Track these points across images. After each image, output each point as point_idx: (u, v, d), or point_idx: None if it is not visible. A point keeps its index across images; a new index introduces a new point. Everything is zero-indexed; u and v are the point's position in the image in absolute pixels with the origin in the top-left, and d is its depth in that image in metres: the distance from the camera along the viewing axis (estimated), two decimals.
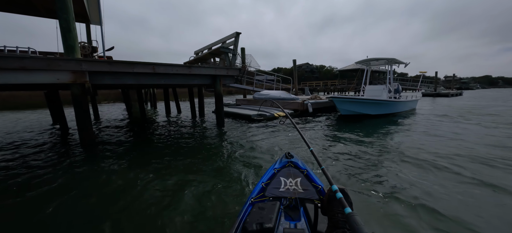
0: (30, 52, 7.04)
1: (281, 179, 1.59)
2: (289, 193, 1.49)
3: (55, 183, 2.80)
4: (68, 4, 4.15)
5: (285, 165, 1.72)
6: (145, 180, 2.77)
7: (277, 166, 1.72)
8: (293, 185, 1.55)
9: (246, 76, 11.09)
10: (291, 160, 1.76)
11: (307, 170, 1.67)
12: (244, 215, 1.30)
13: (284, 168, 1.70)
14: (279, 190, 1.51)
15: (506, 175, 2.69)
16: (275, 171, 1.67)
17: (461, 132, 5.15)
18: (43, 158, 4.02)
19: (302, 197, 1.46)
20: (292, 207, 1.42)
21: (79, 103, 4.10)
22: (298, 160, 1.78)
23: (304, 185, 1.55)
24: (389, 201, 2.14)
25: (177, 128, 6.53)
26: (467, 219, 1.84)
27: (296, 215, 1.35)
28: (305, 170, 1.67)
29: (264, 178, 1.63)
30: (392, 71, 8.98)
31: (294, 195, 1.48)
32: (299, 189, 1.52)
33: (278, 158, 1.89)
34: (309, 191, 1.50)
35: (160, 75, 5.07)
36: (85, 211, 2.11)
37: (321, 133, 5.37)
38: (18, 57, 3.63)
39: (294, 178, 1.60)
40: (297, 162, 1.75)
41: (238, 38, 6.16)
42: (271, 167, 1.78)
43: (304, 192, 1.49)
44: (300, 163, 1.75)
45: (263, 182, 1.58)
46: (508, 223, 1.80)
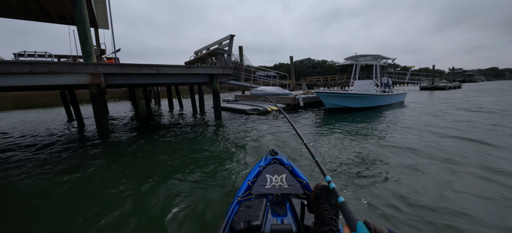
0: (47, 56, 7.86)
1: (266, 176, 1.63)
2: (275, 190, 1.53)
3: (83, 160, 3.57)
4: (85, 17, 4.89)
5: (270, 162, 1.77)
6: (149, 160, 3.52)
7: (262, 164, 1.75)
8: (279, 182, 1.59)
9: (244, 74, 11.80)
10: (276, 157, 1.80)
11: (291, 166, 1.72)
12: (231, 214, 1.32)
13: (269, 165, 1.73)
14: (265, 187, 1.55)
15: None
16: (261, 169, 1.70)
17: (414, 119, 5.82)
18: (72, 145, 4.81)
19: (288, 192, 1.52)
20: (278, 203, 1.49)
21: (96, 100, 4.87)
22: (282, 157, 1.83)
23: (289, 181, 1.60)
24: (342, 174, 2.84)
25: (179, 122, 7.29)
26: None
27: (282, 210, 1.41)
28: (289, 166, 1.72)
29: (250, 176, 1.65)
30: (379, 66, 9.58)
31: (280, 191, 1.53)
32: (285, 185, 1.57)
33: (263, 156, 1.92)
34: (294, 186, 1.56)
35: (163, 75, 5.79)
36: (107, 178, 2.86)
37: (309, 123, 6.07)
38: (47, 63, 4.38)
39: (279, 175, 1.64)
40: (282, 158, 1.80)
41: (232, 40, 6.84)
42: (256, 164, 1.82)
43: (290, 188, 1.55)
44: (284, 159, 1.80)
45: (249, 180, 1.61)
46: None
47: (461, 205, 1.96)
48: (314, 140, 4.42)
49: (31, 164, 3.57)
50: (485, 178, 2.45)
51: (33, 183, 2.82)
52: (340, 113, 7.67)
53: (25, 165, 3.53)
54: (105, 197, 2.37)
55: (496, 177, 2.46)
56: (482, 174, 2.55)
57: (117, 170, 3.14)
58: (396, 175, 2.61)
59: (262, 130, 5.47)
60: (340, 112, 7.85)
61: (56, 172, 3.17)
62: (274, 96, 9.84)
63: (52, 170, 3.24)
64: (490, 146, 3.54)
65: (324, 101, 7.70)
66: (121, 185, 2.60)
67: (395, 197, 2.12)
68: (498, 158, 3.00)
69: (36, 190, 2.63)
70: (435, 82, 26.12)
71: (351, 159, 3.19)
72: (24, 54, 7.53)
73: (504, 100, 10.07)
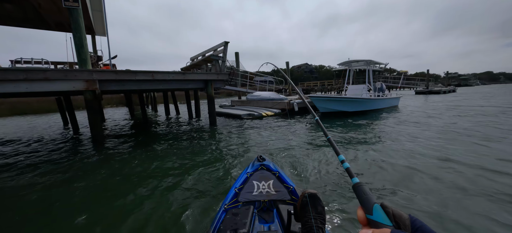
0: (43, 62, 7.94)
1: (254, 183, 1.61)
2: (262, 196, 1.52)
3: (75, 168, 3.62)
4: (81, 25, 5.01)
5: (257, 168, 1.75)
6: (141, 166, 3.59)
7: (250, 170, 1.74)
8: (266, 188, 1.58)
9: (241, 79, 11.94)
10: (263, 163, 1.79)
11: (278, 172, 1.71)
12: (218, 222, 1.31)
13: (257, 172, 1.72)
14: (252, 194, 1.54)
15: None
16: (248, 175, 1.68)
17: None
18: (65, 150, 4.85)
19: (275, 198, 1.51)
20: (266, 210, 1.48)
21: (91, 106, 4.94)
22: (269, 163, 1.82)
23: (277, 187, 1.59)
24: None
25: (174, 127, 7.36)
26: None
27: (269, 217, 1.40)
28: (276, 172, 1.71)
29: (237, 183, 1.63)
30: (371, 71, 9.77)
31: (267, 197, 1.52)
32: (272, 191, 1.55)
33: (250, 162, 1.91)
34: (281, 192, 1.56)
35: (158, 81, 5.89)
36: (99, 185, 2.93)
37: (303, 127, 6.17)
38: (42, 70, 4.47)
39: (267, 181, 1.63)
40: (269, 164, 1.78)
41: (226, 47, 6.99)
42: (243, 171, 1.80)
43: (277, 194, 1.54)
44: (271, 165, 1.79)
45: (236, 187, 1.59)
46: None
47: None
48: (306, 143, 4.52)
49: (17, 171, 3.62)
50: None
51: (20, 190, 2.86)
52: (334, 118, 7.80)
53: (13, 169, 3.58)
54: (91, 204, 2.41)
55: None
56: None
57: (107, 176, 3.19)
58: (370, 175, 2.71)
59: (254, 135, 5.56)
60: (334, 116, 7.97)
61: (45, 178, 3.23)
62: (270, 101, 9.97)
63: (41, 178, 3.29)
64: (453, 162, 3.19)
65: (318, 105, 7.83)
66: (109, 192, 2.65)
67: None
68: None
69: (23, 197, 2.68)
70: (430, 87, 26.46)
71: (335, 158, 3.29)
72: (20, 61, 7.60)
73: (488, 104, 10.27)
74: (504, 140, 4.08)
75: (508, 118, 6.30)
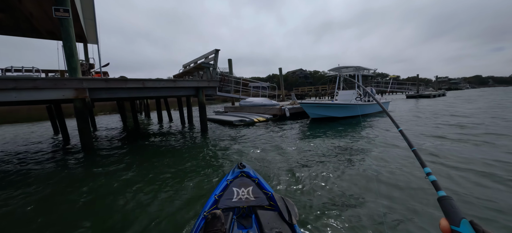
0: (34, 70, 7.94)
1: (233, 190, 1.65)
2: (242, 202, 1.57)
3: (63, 176, 3.64)
4: (71, 34, 5.08)
5: (237, 175, 1.79)
6: (127, 175, 3.63)
7: (230, 177, 1.77)
8: (245, 194, 1.62)
9: (234, 85, 12.07)
10: (243, 170, 1.83)
11: (258, 179, 1.76)
12: (197, 229, 1.34)
13: (237, 179, 1.75)
14: (231, 201, 1.58)
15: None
16: (228, 182, 1.72)
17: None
18: (54, 160, 4.84)
19: (254, 204, 1.56)
20: (245, 216, 1.52)
21: (80, 115, 4.97)
22: (249, 170, 1.86)
23: (256, 193, 1.63)
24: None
25: (165, 134, 7.39)
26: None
27: (248, 223, 1.44)
28: (256, 179, 1.75)
29: (217, 190, 1.66)
30: (361, 76, 10.03)
31: (246, 203, 1.56)
32: (251, 198, 1.60)
33: (231, 169, 1.95)
34: (260, 198, 1.61)
35: (149, 89, 5.96)
36: (82, 199, 2.97)
37: (294, 133, 6.29)
38: (32, 79, 4.51)
39: (246, 187, 1.67)
40: (249, 171, 1.82)
41: (217, 55, 7.13)
42: (224, 178, 1.83)
43: (256, 200, 1.59)
44: (251, 172, 1.83)
45: (216, 194, 1.62)
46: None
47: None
48: (293, 149, 4.62)
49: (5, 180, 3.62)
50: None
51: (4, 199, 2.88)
52: (324, 123, 7.94)
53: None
54: (70, 210, 2.44)
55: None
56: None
57: (92, 184, 3.22)
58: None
59: (244, 142, 5.65)
60: (324, 122, 8.12)
61: (31, 189, 3.25)
62: (262, 107, 10.10)
63: (26, 188, 3.31)
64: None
65: (307, 111, 7.99)
66: (90, 198, 2.68)
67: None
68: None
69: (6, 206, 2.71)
70: (420, 91, 27.09)
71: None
72: (11, 69, 7.60)
73: (474, 107, 10.62)
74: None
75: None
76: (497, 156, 3.43)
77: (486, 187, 2.47)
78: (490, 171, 2.85)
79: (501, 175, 2.73)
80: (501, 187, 2.45)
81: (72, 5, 6.01)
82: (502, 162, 3.16)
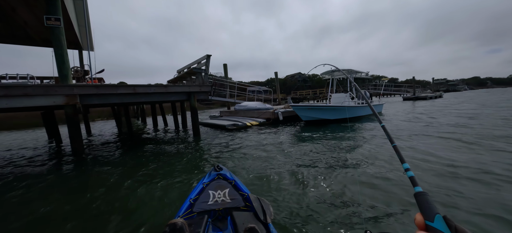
0: (28, 78, 8.04)
1: (209, 193, 1.64)
2: (218, 205, 1.57)
3: (53, 179, 3.70)
4: (62, 42, 5.19)
5: (214, 178, 1.78)
6: (115, 178, 3.69)
7: (206, 180, 1.76)
8: (222, 197, 1.62)
9: (229, 90, 12.17)
10: (220, 172, 1.82)
11: (235, 181, 1.76)
12: None
13: (213, 181, 1.75)
14: (207, 204, 1.57)
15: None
16: (204, 185, 1.71)
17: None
18: (46, 163, 4.90)
19: (230, 206, 1.56)
20: (220, 218, 1.52)
21: (71, 120, 5.04)
22: (226, 172, 1.85)
23: (232, 195, 1.63)
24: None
25: (158, 139, 7.46)
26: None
27: (224, 225, 1.44)
28: (233, 181, 1.75)
29: (192, 194, 1.65)
30: (353, 79, 10.14)
31: (222, 206, 1.56)
32: (227, 200, 1.60)
33: (207, 172, 1.94)
34: (236, 199, 1.61)
35: (140, 94, 6.05)
36: (73, 200, 3.02)
37: (282, 136, 6.36)
38: (22, 86, 4.61)
39: (222, 190, 1.66)
40: (226, 173, 1.82)
41: (209, 60, 7.24)
42: (200, 181, 1.81)
43: (232, 202, 1.59)
44: (228, 174, 1.83)
45: (191, 198, 1.61)
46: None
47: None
48: (279, 151, 4.68)
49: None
50: None
51: None
52: (316, 126, 8.01)
53: None
54: (48, 216, 2.49)
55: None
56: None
57: (78, 190, 3.28)
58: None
59: (234, 146, 5.72)
60: (317, 125, 8.20)
61: (19, 192, 3.30)
62: (256, 111, 10.19)
63: (14, 192, 3.37)
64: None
65: (299, 114, 8.06)
66: (71, 203, 2.72)
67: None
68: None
69: None
70: (417, 93, 27.21)
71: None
72: (5, 77, 7.68)
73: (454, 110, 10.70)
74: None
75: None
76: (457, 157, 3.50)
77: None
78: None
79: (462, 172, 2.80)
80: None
81: (64, 13, 6.14)
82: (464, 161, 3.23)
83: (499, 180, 2.58)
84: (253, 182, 3.03)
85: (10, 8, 6.18)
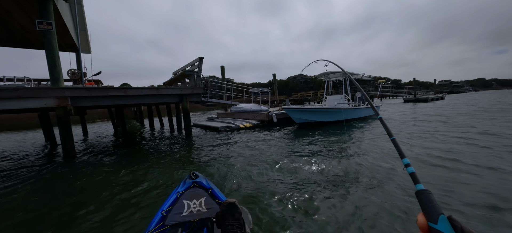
0: (25, 80, 8.21)
1: (184, 203, 1.53)
2: (193, 216, 1.46)
3: (43, 181, 3.77)
4: (54, 45, 5.29)
5: (189, 186, 1.66)
6: (106, 180, 3.75)
7: (181, 190, 1.65)
8: (197, 206, 1.52)
9: (226, 92, 12.24)
10: (195, 180, 1.71)
11: (211, 188, 1.66)
12: None
13: (188, 190, 1.63)
14: (181, 215, 1.46)
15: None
16: (178, 195, 1.60)
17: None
18: (35, 167, 4.99)
19: (206, 216, 1.46)
20: (196, 231, 1.42)
21: (62, 122, 5.13)
22: (203, 179, 1.76)
23: (208, 204, 1.53)
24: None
25: (151, 141, 7.53)
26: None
27: None
28: (209, 189, 1.65)
29: (165, 205, 1.53)
30: (348, 81, 10.12)
31: (198, 216, 1.45)
32: (203, 209, 1.50)
33: (182, 180, 1.81)
34: (213, 209, 1.51)
35: (132, 97, 6.13)
36: (62, 204, 3.08)
37: (272, 138, 6.38)
38: (14, 89, 4.71)
39: (198, 199, 1.56)
40: (202, 181, 1.72)
41: (201, 62, 7.31)
42: (173, 191, 1.69)
43: (208, 211, 1.49)
44: (204, 182, 1.73)
45: (163, 210, 1.49)
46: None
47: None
48: (269, 157, 4.70)
49: None
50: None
51: None
52: (310, 128, 8.00)
53: None
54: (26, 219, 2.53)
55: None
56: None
57: (64, 194, 3.35)
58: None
59: (224, 148, 5.75)
60: (311, 127, 8.19)
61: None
62: (251, 112, 10.22)
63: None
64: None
65: (293, 116, 8.06)
66: (50, 212, 2.71)
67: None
68: None
69: None
70: (418, 95, 26.99)
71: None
72: (3, 79, 7.86)
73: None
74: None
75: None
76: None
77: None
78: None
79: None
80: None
81: (59, 17, 6.26)
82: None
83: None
84: (232, 188, 3.04)
85: (6, 12, 6.32)
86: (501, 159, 3.31)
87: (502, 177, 2.70)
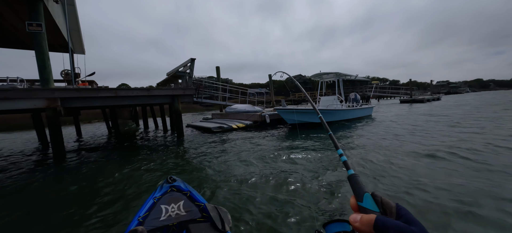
0: (18, 80, 8.23)
1: (162, 208, 1.51)
2: (171, 220, 1.45)
3: (33, 182, 3.80)
4: (44, 47, 5.33)
5: (166, 191, 1.64)
6: (82, 188, 3.79)
7: (158, 195, 1.62)
8: (176, 210, 1.50)
9: (221, 92, 12.30)
10: (173, 184, 1.69)
11: (190, 191, 1.66)
12: None
13: (166, 195, 1.61)
14: (159, 220, 1.44)
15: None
16: (155, 200, 1.57)
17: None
18: (29, 166, 5.01)
19: (185, 219, 1.45)
20: None
21: (52, 122, 5.16)
22: (180, 183, 1.74)
23: (187, 207, 1.52)
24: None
25: (142, 141, 7.56)
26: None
27: None
28: (188, 192, 1.64)
29: (141, 212, 1.48)
30: (341, 82, 10.20)
31: (176, 220, 1.45)
32: (182, 212, 1.49)
33: (159, 185, 1.77)
34: (192, 211, 1.51)
35: (123, 98, 6.16)
36: (51, 202, 3.12)
37: (262, 139, 6.44)
38: (3, 90, 4.74)
39: (177, 203, 1.54)
40: (180, 185, 1.70)
41: (193, 63, 7.36)
42: (150, 196, 1.65)
43: (187, 214, 1.48)
44: (182, 185, 1.71)
45: (140, 216, 1.45)
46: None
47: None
48: (258, 157, 4.76)
49: None
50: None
51: None
52: (302, 129, 8.06)
53: None
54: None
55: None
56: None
57: (51, 196, 3.38)
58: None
59: (212, 147, 5.80)
60: (302, 128, 8.24)
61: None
62: (245, 113, 10.27)
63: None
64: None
65: (285, 117, 8.12)
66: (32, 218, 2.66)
67: None
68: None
69: None
70: (414, 95, 27.15)
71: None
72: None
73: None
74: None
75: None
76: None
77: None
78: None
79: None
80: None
81: (50, 19, 6.30)
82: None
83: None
84: (219, 185, 3.09)
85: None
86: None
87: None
